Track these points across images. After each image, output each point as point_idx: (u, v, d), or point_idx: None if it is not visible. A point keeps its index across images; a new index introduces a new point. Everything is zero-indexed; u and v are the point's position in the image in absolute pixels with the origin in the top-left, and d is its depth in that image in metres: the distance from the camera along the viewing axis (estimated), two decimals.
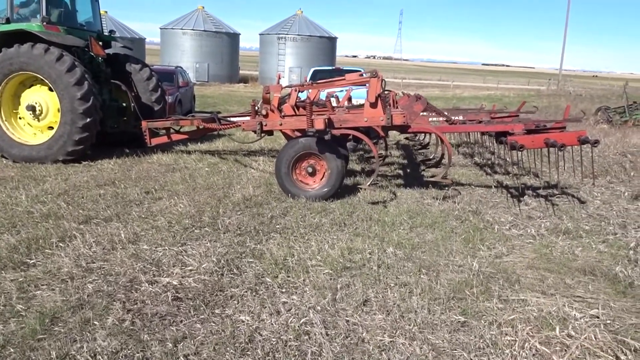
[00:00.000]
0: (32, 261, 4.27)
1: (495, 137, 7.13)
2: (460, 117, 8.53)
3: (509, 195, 6.98)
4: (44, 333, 3.18)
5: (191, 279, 4.02)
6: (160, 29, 39.90)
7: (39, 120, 8.51)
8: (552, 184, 7.60)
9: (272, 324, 3.37)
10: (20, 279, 3.91)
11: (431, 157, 9.86)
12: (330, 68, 18.30)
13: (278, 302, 3.69)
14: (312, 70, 17.07)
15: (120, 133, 9.85)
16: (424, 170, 8.86)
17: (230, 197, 6.43)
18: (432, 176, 8.04)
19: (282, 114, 6.79)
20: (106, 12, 37.14)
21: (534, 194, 7.05)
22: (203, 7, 40.24)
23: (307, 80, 8.31)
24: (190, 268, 4.22)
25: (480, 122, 7.85)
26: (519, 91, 42.79)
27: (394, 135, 12.15)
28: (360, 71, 7.73)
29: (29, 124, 8.60)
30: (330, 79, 7.32)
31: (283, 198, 6.42)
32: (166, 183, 7.13)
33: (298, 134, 6.87)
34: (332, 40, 40.57)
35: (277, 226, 5.40)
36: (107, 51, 9.74)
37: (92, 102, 8.25)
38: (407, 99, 7.75)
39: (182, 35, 38.21)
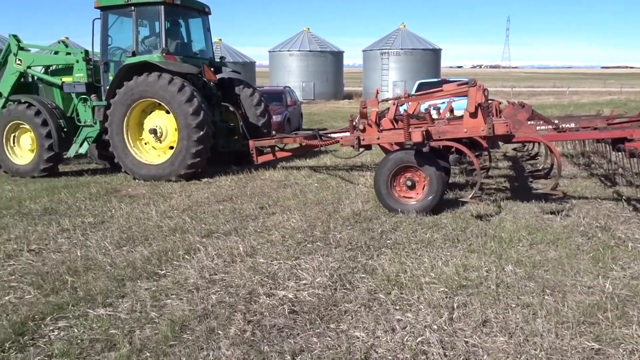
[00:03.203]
0: (162, 272, 4.64)
1: (612, 144, 6.56)
2: (573, 125, 7.89)
3: (631, 208, 6.29)
4: (175, 340, 3.42)
5: (306, 292, 4.11)
6: (269, 52, 41.94)
7: (160, 142, 9.34)
8: None
9: (387, 342, 3.33)
10: (153, 288, 4.27)
11: (541, 168, 9.24)
12: (435, 80, 17.99)
13: (392, 319, 3.64)
14: (417, 83, 16.89)
15: (229, 152, 10.47)
16: (532, 182, 8.33)
17: (340, 212, 6.51)
18: (542, 188, 7.52)
19: (381, 127, 6.78)
20: (220, 39, 39.84)
21: None
22: (309, 29, 41.65)
23: (407, 94, 8.21)
24: (304, 282, 4.32)
25: (595, 128, 7.22)
26: None
27: (504, 147, 11.57)
28: (460, 81, 7.49)
29: (153, 147, 9.47)
30: (428, 91, 7.16)
31: (392, 213, 6.37)
32: (278, 199, 7.41)
33: (397, 147, 6.81)
34: (436, 52, 39.85)
35: (388, 241, 5.36)
36: (217, 76, 10.47)
37: (203, 116, 8.92)
38: (512, 107, 7.34)
39: (289, 57, 39.81)
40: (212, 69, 10.25)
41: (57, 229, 6.05)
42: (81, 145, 9.97)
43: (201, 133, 8.90)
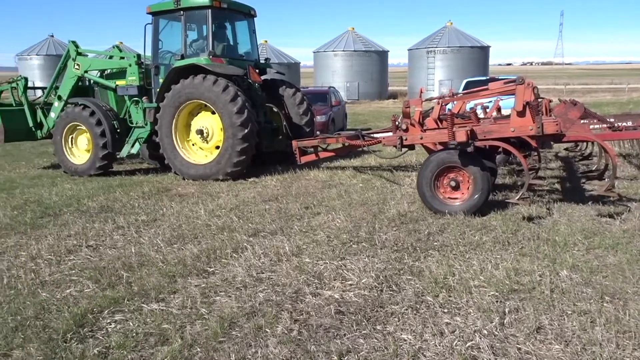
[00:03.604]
0: (211, 269, 4.74)
1: None
2: (630, 123, 7.50)
3: None
4: (224, 336, 3.49)
5: (352, 293, 4.10)
6: (313, 52, 42.14)
7: (207, 142, 9.55)
8: None
9: (436, 345, 3.27)
10: (203, 285, 4.36)
11: (594, 169, 8.85)
12: (484, 78, 17.54)
13: (440, 322, 3.57)
14: (464, 81, 16.55)
15: (274, 152, 10.58)
16: (584, 183, 7.99)
17: (385, 213, 6.46)
18: (597, 189, 7.20)
19: (424, 127, 6.67)
20: (267, 41, 40.39)
21: None
22: (354, 28, 41.56)
23: (452, 93, 8.04)
24: (350, 282, 4.31)
25: None
26: None
27: (556, 147, 11.16)
28: (508, 79, 7.26)
29: (200, 147, 9.70)
30: (472, 90, 6.98)
31: (439, 215, 6.26)
32: (323, 199, 7.43)
33: (441, 147, 6.68)
34: (484, 50, 38.93)
35: (435, 243, 5.27)
36: (262, 77, 10.60)
37: (247, 115, 9.07)
38: (563, 106, 7.06)
39: (333, 57, 39.87)
40: (257, 70, 10.41)
41: (112, 226, 6.29)
42: (133, 145, 10.33)
43: (246, 131, 9.06)
